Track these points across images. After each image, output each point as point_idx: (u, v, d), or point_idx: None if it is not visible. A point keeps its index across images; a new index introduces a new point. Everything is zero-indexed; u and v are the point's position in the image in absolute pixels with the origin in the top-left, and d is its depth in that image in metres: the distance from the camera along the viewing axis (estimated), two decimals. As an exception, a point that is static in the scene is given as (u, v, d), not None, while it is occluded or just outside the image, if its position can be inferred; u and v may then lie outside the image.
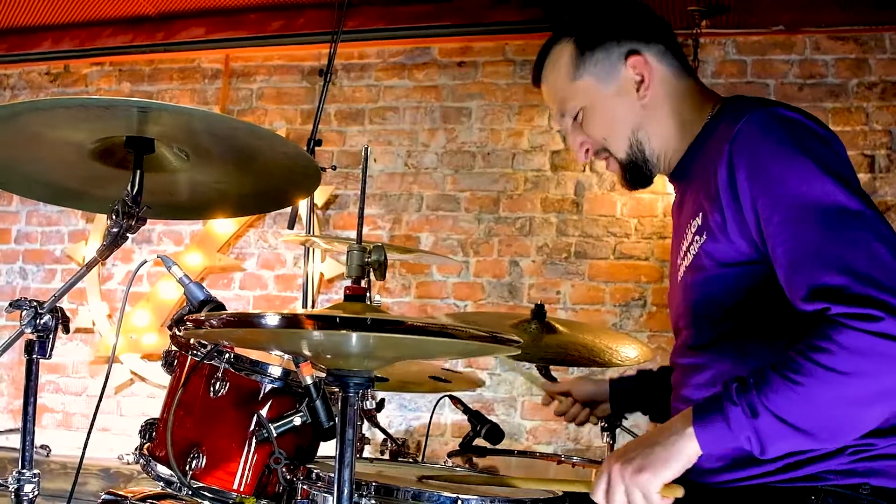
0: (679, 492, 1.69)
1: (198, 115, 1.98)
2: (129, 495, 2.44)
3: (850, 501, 1.71)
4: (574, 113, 2.06)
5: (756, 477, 1.76)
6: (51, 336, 1.94)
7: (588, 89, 2.03)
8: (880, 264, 1.57)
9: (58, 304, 1.95)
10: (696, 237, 1.86)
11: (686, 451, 1.67)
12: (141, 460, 2.31)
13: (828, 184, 1.65)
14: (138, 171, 2.03)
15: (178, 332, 2.32)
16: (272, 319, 1.42)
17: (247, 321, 1.52)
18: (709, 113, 1.98)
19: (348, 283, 1.68)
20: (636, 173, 2.06)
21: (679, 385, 1.99)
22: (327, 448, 2.18)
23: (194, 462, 2.16)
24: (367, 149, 1.81)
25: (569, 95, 2.06)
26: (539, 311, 3.00)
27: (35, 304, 1.92)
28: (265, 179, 2.22)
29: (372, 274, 1.73)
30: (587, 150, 2.09)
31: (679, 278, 1.96)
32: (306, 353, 1.79)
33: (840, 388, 1.56)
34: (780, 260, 1.69)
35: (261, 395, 2.21)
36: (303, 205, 4.38)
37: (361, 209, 1.82)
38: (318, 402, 2.03)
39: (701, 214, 1.84)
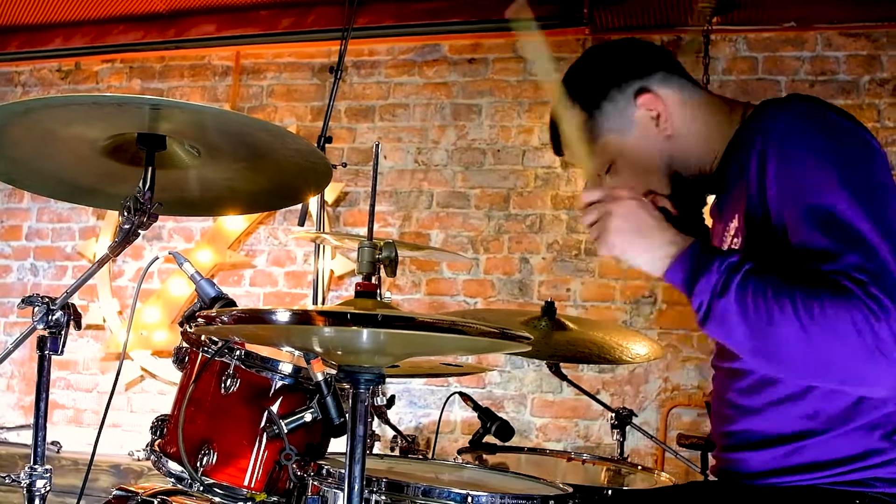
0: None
1: (209, 112, 1.98)
2: (140, 491, 2.45)
3: None
4: (605, 169, 2.04)
5: (805, 480, 1.75)
6: (63, 332, 1.95)
7: (610, 145, 2.01)
8: (890, 275, 1.56)
9: (69, 301, 1.96)
10: (735, 239, 1.85)
11: (651, 259, 1.74)
12: (152, 456, 2.31)
13: (852, 186, 1.64)
14: (150, 168, 2.04)
15: (189, 329, 2.33)
16: (283, 316, 1.42)
17: (258, 317, 1.52)
18: (739, 119, 1.95)
19: (358, 279, 1.68)
20: (686, 200, 2.04)
21: (723, 389, 1.98)
22: (338, 444, 2.19)
23: (205, 458, 2.16)
24: (377, 146, 1.81)
25: (593, 158, 2.04)
26: (549, 309, 3.00)
27: (47, 300, 1.92)
28: (276, 176, 2.23)
29: (383, 270, 1.73)
30: None
31: None
32: (317, 349, 1.79)
33: (803, 336, 1.56)
34: (806, 245, 1.66)
35: (271, 392, 2.22)
36: (313, 202, 4.38)
37: (372, 206, 1.82)
38: (328, 399, 2.03)
39: (737, 216, 1.84)
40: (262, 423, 2.17)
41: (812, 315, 1.55)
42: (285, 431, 2.05)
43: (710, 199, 2.09)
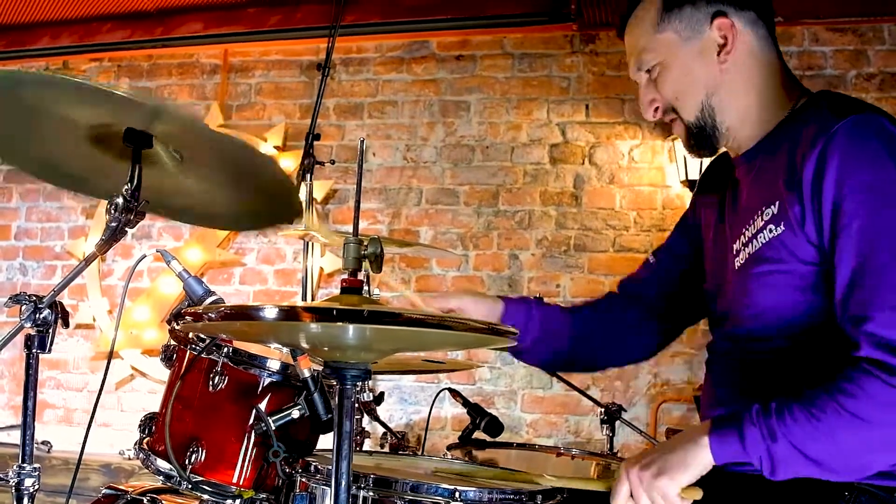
0: (698, 494, 1.74)
1: (206, 130, 2.00)
2: (129, 490, 2.44)
3: (883, 503, 1.72)
4: (649, 66, 2.00)
5: None
6: (50, 331, 1.94)
7: (668, 44, 1.97)
8: None
9: (57, 299, 1.95)
10: (771, 225, 1.82)
11: (700, 459, 1.72)
12: (140, 455, 2.31)
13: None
14: (137, 166, 2.03)
15: (176, 327, 2.33)
16: (269, 312, 1.42)
17: (244, 314, 1.52)
18: (795, 100, 1.93)
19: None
20: (702, 139, 1.99)
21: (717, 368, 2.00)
22: (326, 441, 2.19)
23: (193, 456, 2.16)
24: (363, 141, 1.81)
25: (648, 48, 1.99)
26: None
27: (34, 298, 1.92)
28: (248, 200, 2.25)
29: (369, 267, 1.73)
30: (656, 108, 2.03)
31: (738, 264, 1.92)
32: (304, 345, 1.79)
33: (857, 432, 1.62)
34: (842, 272, 1.69)
35: (259, 389, 2.21)
36: (302, 199, 4.38)
37: (357, 202, 1.83)
38: (316, 395, 2.03)
39: (778, 203, 1.80)
40: (251, 421, 2.17)
41: (856, 408, 1.60)
42: (273, 428, 2.05)
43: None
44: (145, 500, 2.41)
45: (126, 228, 2.02)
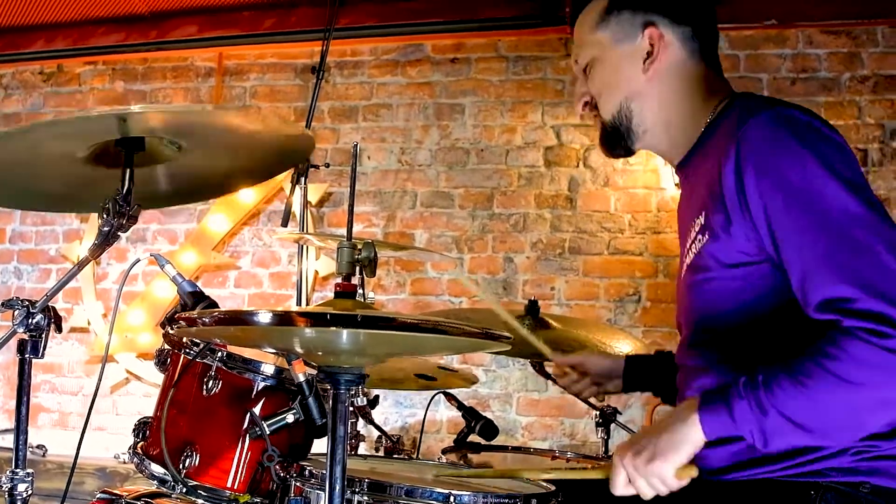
0: (694, 472, 1.74)
1: (179, 111, 1.99)
2: (124, 494, 2.44)
3: (850, 499, 1.73)
4: (584, 62, 2.10)
5: (762, 473, 1.79)
6: (43, 335, 1.94)
7: (602, 43, 2.05)
8: (889, 276, 1.59)
9: (50, 304, 1.95)
10: (699, 236, 1.85)
11: (691, 437, 1.71)
12: (135, 459, 2.31)
13: (838, 189, 1.66)
14: (129, 170, 2.03)
15: (170, 331, 2.33)
16: (263, 317, 1.42)
17: (238, 318, 1.52)
18: (714, 106, 1.96)
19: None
20: (614, 139, 2.08)
21: (683, 386, 2.01)
22: (321, 445, 2.19)
23: (188, 460, 2.16)
24: (356, 146, 1.81)
25: (585, 44, 2.10)
26: (533, 307, 3.01)
27: (27, 303, 1.92)
28: (258, 153, 2.28)
29: (363, 271, 1.74)
30: (585, 103, 2.12)
31: (682, 275, 1.96)
32: (298, 350, 1.79)
33: (845, 394, 1.60)
34: (792, 267, 1.70)
35: (254, 393, 2.22)
36: (297, 202, 4.38)
37: (351, 206, 1.83)
38: (310, 400, 2.03)
39: (703, 213, 1.84)
40: (245, 425, 2.17)
41: (839, 370, 1.59)
42: (267, 433, 2.05)
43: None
44: (139, 505, 2.40)
45: (119, 233, 2.02)
